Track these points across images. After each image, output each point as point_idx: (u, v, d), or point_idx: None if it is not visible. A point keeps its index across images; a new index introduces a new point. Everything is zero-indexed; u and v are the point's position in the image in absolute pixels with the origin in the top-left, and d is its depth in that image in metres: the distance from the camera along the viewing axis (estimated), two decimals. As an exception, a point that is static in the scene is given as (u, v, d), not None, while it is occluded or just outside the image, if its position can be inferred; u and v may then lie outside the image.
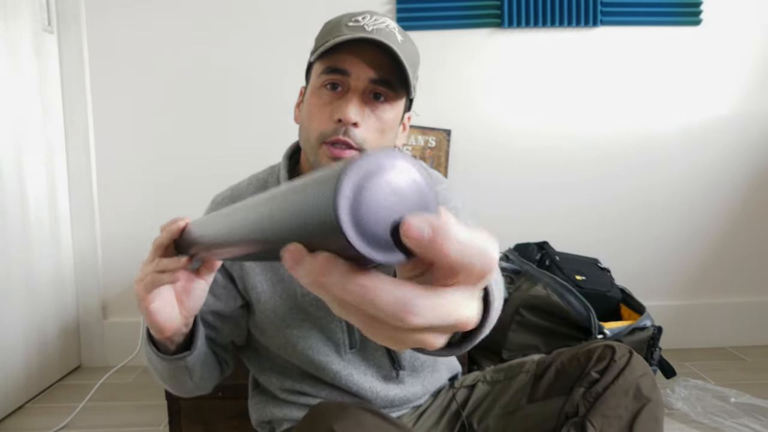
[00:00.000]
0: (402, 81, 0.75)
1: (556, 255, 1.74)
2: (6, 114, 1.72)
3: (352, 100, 0.72)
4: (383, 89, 0.74)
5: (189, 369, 0.72)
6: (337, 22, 0.77)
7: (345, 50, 0.72)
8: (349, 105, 0.72)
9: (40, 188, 1.87)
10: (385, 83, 0.74)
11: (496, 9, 1.99)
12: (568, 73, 2.04)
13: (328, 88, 0.75)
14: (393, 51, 0.71)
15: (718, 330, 2.09)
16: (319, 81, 0.76)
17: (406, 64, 0.73)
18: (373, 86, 0.74)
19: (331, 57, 0.73)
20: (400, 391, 0.90)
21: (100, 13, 2.00)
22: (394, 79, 0.74)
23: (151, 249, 0.62)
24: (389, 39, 0.72)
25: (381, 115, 0.75)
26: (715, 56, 2.03)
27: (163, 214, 2.03)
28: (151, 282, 0.62)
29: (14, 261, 1.72)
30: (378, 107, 0.75)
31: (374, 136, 0.75)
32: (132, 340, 1.91)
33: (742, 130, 2.06)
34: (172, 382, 0.76)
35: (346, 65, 0.73)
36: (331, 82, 0.74)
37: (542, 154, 2.05)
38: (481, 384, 0.93)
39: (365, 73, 0.73)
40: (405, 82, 0.75)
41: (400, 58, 0.72)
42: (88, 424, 1.61)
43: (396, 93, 0.76)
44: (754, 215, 2.09)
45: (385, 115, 0.76)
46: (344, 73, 0.73)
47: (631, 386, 0.78)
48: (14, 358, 1.72)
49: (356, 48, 0.72)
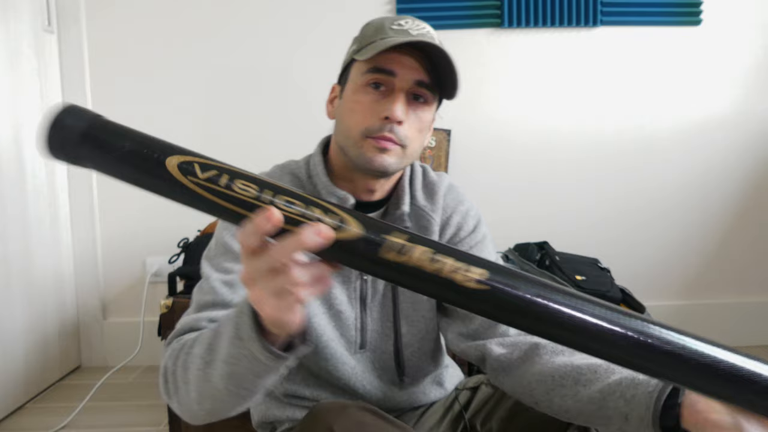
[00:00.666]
0: (439, 84, 0.79)
1: (556, 255, 1.74)
2: (6, 114, 1.72)
3: (400, 100, 0.76)
4: (424, 91, 0.78)
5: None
6: (381, 25, 0.80)
7: (392, 52, 0.76)
8: (396, 104, 0.76)
9: (40, 188, 1.87)
10: (426, 86, 0.78)
11: (496, 9, 1.99)
12: (568, 73, 2.04)
13: (372, 86, 0.78)
14: (446, 56, 0.76)
15: (718, 330, 2.09)
16: (364, 79, 0.78)
17: (456, 68, 0.77)
18: (416, 88, 0.78)
19: (378, 57, 0.76)
20: (404, 396, 0.90)
21: (100, 13, 2.00)
22: (435, 82, 0.79)
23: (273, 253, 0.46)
24: (435, 42, 0.77)
25: (421, 115, 0.79)
26: (715, 56, 2.03)
27: (164, 214, 2.03)
28: (296, 301, 0.48)
29: (14, 261, 1.72)
30: (419, 108, 0.79)
31: (414, 134, 0.79)
32: (132, 340, 1.91)
33: (743, 130, 2.06)
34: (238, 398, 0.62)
35: (394, 66, 0.76)
36: (375, 81, 0.77)
37: (542, 154, 2.05)
38: (485, 387, 0.93)
39: (411, 75, 0.77)
40: (451, 84, 0.79)
41: (453, 63, 0.76)
42: (88, 424, 1.61)
43: (434, 95, 0.80)
44: (755, 215, 2.09)
45: (424, 116, 0.80)
46: (391, 73, 0.77)
47: None
48: (14, 358, 1.72)
49: (402, 50, 0.76)
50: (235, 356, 0.57)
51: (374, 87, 0.78)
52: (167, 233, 1.92)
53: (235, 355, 0.57)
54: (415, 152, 0.81)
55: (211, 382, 0.61)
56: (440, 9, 1.99)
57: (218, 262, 0.79)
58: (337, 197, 0.81)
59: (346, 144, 0.80)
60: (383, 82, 0.77)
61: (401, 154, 0.78)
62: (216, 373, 0.60)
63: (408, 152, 0.79)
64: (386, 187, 0.87)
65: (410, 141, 0.78)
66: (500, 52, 2.03)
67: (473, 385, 0.95)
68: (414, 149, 0.80)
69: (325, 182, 0.83)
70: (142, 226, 2.05)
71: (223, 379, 0.59)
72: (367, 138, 0.77)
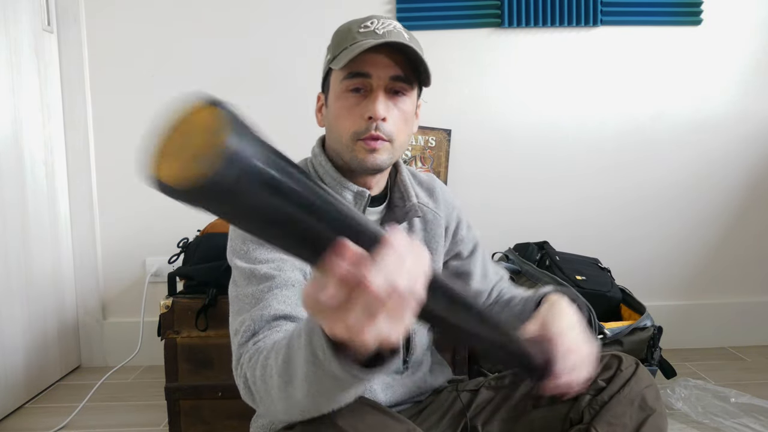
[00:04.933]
0: (416, 73, 0.83)
1: (556, 255, 1.74)
2: (6, 114, 1.71)
3: (379, 98, 0.80)
4: (401, 84, 0.82)
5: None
6: (348, 30, 0.83)
7: (364, 54, 0.79)
8: (376, 103, 0.80)
9: (39, 188, 1.87)
10: (402, 79, 0.82)
11: (496, 9, 1.99)
12: (568, 73, 2.03)
13: (351, 91, 0.82)
14: (411, 49, 0.79)
15: (718, 330, 2.09)
16: (343, 86, 0.82)
17: (423, 57, 0.80)
18: (392, 83, 0.81)
19: (351, 63, 0.80)
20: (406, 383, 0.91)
21: (99, 13, 2.00)
22: (409, 73, 0.82)
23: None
24: (400, 39, 0.80)
25: (402, 107, 0.83)
26: (715, 56, 2.03)
27: (163, 214, 2.03)
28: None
29: (14, 261, 1.72)
30: (398, 100, 0.83)
31: (400, 127, 0.83)
32: (132, 340, 1.91)
33: (743, 130, 2.06)
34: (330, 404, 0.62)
35: (367, 68, 0.80)
36: (354, 86, 0.81)
37: (543, 154, 2.05)
38: (485, 389, 0.94)
39: (385, 72, 0.80)
40: (423, 73, 0.83)
41: (419, 55, 0.80)
42: (88, 424, 1.61)
43: (411, 86, 0.84)
44: (755, 215, 2.09)
45: (405, 107, 0.84)
46: (366, 75, 0.80)
47: (636, 396, 0.79)
48: (14, 358, 1.71)
49: (373, 51, 0.79)
50: (316, 375, 0.54)
51: (354, 91, 0.82)
52: (167, 233, 1.92)
53: (314, 373, 0.53)
54: (403, 144, 0.85)
55: (295, 399, 0.59)
56: (440, 9, 1.99)
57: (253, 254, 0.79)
58: (352, 191, 0.85)
59: (340, 149, 0.84)
60: (361, 85, 0.81)
61: (390, 149, 0.82)
62: (298, 392, 0.58)
63: (396, 145, 0.83)
64: (381, 183, 0.91)
65: (397, 134, 0.83)
66: (500, 52, 2.03)
67: (473, 387, 0.96)
68: (402, 141, 0.84)
69: (337, 178, 0.86)
70: (142, 226, 2.05)
71: (307, 397, 0.57)
72: (357, 141, 0.81)
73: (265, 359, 0.64)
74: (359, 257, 0.38)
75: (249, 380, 0.67)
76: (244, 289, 0.78)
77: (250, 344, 0.72)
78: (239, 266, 0.80)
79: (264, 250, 0.79)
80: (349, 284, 0.38)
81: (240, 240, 0.82)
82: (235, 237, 0.83)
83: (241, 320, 0.75)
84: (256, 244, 0.80)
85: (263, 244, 0.79)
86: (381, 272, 0.38)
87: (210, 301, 1.41)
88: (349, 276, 0.38)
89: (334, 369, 0.49)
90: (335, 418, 0.64)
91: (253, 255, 0.79)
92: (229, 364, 0.79)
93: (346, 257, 0.38)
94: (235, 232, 0.83)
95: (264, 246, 0.79)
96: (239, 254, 0.81)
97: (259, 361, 0.65)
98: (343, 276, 0.38)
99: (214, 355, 1.42)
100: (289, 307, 0.74)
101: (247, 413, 0.97)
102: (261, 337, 0.72)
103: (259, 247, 0.80)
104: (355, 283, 0.38)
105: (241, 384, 0.70)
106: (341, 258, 0.38)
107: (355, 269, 0.38)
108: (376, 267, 0.38)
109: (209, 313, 1.41)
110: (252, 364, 0.67)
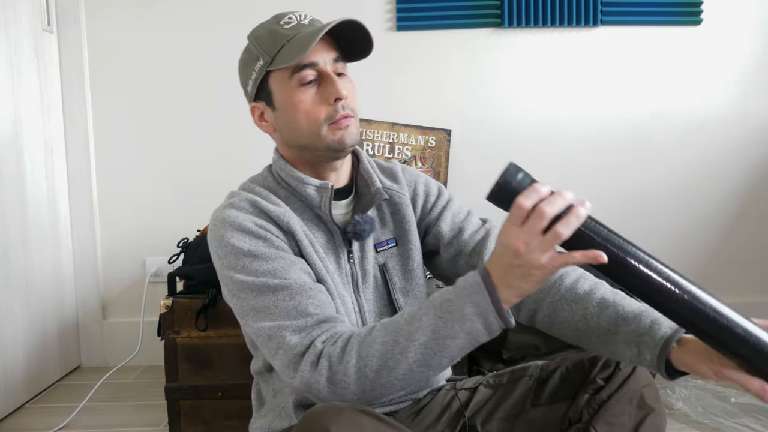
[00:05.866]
0: (349, 50, 0.88)
1: (556, 255, 1.74)
2: (6, 114, 1.72)
3: (336, 81, 0.83)
4: (342, 63, 0.87)
5: None
6: (273, 31, 0.86)
7: (298, 48, 0.82)
8: (336, 84, 0.83)
9: (39, 188, 1.87)
10: (341, 59, 0.87)
11: (496, 9, 1.99)
12: (568, 73, 2.03)
13: (305, 85, 0.84)
14: (354, 23, 0.83)
15: (718, 330, 2.09)
16: (294, 82, 0.84)
17: (364, 26, 0.84)
18: (334, 65, 0.86)
19: (296, 57, 0.82)
20: None
21: (99, 13, 2.00)
22: (346, 50, 0.87)
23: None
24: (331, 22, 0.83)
25: (348, 84, 0.87)
26: (715, 56, 2.03)
27: (163, 214, 2.04)
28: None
29: (14, 261, 1.72)
30: (345, 78, 0.87)
31: (355, 101, 0.88)
32: (132, 340, 1.91)
33: (743, 130, 2.06)
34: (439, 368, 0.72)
35: (312, 58, 0.83)
36: (307, 78, 0.84)
37: (543, 154, 2.05)
38: (483, 387, 0.94)
39: (329, 56, 0.85)
40: (361, 42, 0.87)
41: (361, 25, 0.84)
42: (88, 424, 1.61)
43: (346, 62, 0.89)
44: (755, 215, 2.09)
45: (350, 85, 0.88)
46: (314, 65, 0.83)
47: (635, 395, 0.78)
48: (14, 358, 1.72)
49: (306, 42, 0.82)
50: (466, 331, 0.68)
51: (307, 84, 0.84)
52: (167, 233, 1.92)
53: (466, 330, 0.68)
54: (358, 116, 0.90)
55: (424, 361, 0.70)
56: (440, 9, 1.99)
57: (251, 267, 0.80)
58: (314, 185, 0.86)
59: (310, 141, 0.85)
60: (312, 75, 0.84)
61: (356, 123, 0.86)
62: (431, 351, 0.69)
63: (357, 119, 0.87)
64: (345, 174, 0.92)
65: (355, 108, 0.87)
66: (500, 52, 2.03)
67: (472, 385, 0.95)
68: (358, 113, 0.89)
69: (299, 176, 0.87)
70: (141, 226, 2.05)
71: (440, 355, 0.70)
72: (330, 125, 0.84)
73: (380, 337, 0.71)
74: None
75: (348, 367, 0.71)
76: (257, 301, 0.78)
77: (319, 342, 0.73)
78: (242, 280, 0.79)
79: (262, 262, 0.79)
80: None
81: (233, 256, 0.80)
82: (226, 253, 0.81)
83: (276, 326, 0.75)
84: (252, 257, 0.79)
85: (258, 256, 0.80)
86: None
87: (210, 301, 1.41)
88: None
89: (494, 320, 0.68)
90: (330, 425, 0.63)
91: (252, 267, 0.79)
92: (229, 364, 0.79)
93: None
94: (224, 249, 0.82)
95: (260, 258, 0.80)
96: (237, 268, 0.80)
97: (364, 344, 0.71)
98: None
99: (214, 355, 1.42)
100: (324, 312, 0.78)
101: (246, 413, 0.98)
102: (323, 335, 0.74)
103: (257, 260, 0.79)
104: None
105: (318, 377, 0.72)
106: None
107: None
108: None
109: (209, 313, 1.41)
110: (354, 351, 0.71)
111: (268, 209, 0.84)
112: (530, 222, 0.64)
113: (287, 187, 0.88)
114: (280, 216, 0.83)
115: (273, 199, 0.86)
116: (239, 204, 0.85)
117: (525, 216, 0.65)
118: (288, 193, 0.88)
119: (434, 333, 0.69)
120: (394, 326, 0.72)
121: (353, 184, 0.94)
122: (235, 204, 0.85)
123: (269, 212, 0.83)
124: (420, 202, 0.98)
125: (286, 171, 0.88)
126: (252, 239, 0.81)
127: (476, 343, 0.70)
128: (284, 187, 0.89)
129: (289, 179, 0.88)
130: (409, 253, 0.94)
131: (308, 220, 0.87)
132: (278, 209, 0.84)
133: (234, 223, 0.82)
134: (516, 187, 0.64)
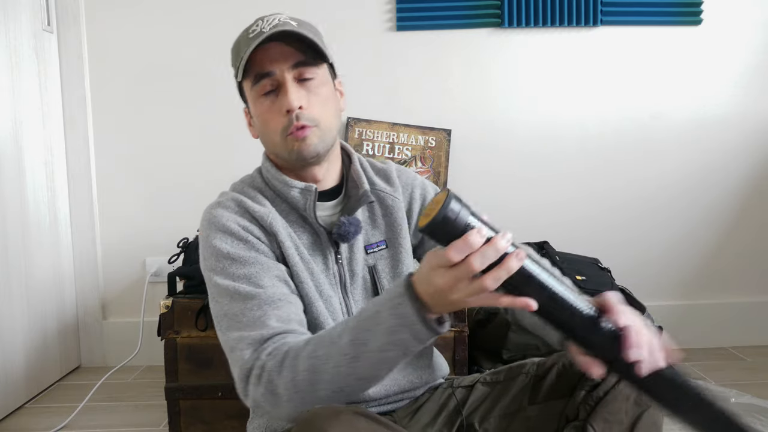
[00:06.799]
0: (314, 54, 0.85)
1: (556, 255, 1.74)
2: (6, 114, 1.72)
3: (288, 91, 0.82)
4: (306, 69, 0.84)
5: None
6: (239, 42, 0.86)
7: (258, 57, 0.81)
8: (287, 96, 0.81)
9: (39, 189, 1.87)
10: (303, 63, 0.83)
11: (496, 9, 1.99)
12: (568, 73, 2.03)
13: (266, 95, 0.84)
14: (295, 33, 0.81)
15: (718, 330, 2.09)
16: (255, 93, 0.85)
17: (309, 35, 0.82)
18: (297, 71, 0.83)
19: (251, 68, 0.83)
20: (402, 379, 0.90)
21: (99, 13, 2.00)
22: (307, 56, 0.84)
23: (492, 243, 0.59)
24: (285, 27, 0.82)
25: (316, 90, 0.85)
26: (715, 56, 2.03)
27: (163, 214, 2.04)
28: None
29: (14, 261, 1.72)
30: (310, 85, 0.84)
31: (321, 109, 0.85)
32: (132, 340, 1.91)
33: (743, 129, 2.06)
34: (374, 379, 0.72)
35: (266, 67, 0.82)
36: (265, 90, 0.84)
37: (543, 154, 2.05)
38: (480, 385, 0.93)
39: (286, 63, 0.82)
40: (317, 52, 0.84)
41: (302, 35, 0.82)
42: (88, 424, 1.61)
43: (316, 67, 0.85)
44: (755, 215, 2.09)
45: (320, 89, 0.85)
46: (269, 74, 0.83)
47: (632, 392, 0.78)
48: (14, 358, 1.72)
49: (265, 50, 0.82)
50: (394, 342, 0.67)
51: (268, 94, 0.84)
52: (167, 233, 1.92)
53: (393, 342, 0.67)
54: (331, 124, 0.87)
55: (356, 374, 0.69)
56: (440, 9, 1.99)
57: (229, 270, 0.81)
58: (298, 188, 0.86)
59: (276, 150, 0.87)
60: (270, 86, 0.83)
61: (319, 132, 0.84)
62: (363, 364, 0.69)
63: (324, 127, 0.85)
64: (334, 175, 0.92)
65: (320, 117, 0.84)
66: (500, 52, 2.03)
67: (468, 383, 0.95)
68: (329, 122, 0.86)
69: (284, 179, 0.87)
70: (141, 226, 2.05)
71: (372, 368, 0.69)
72: (287, 137, 0.83)
73: (311, 350, 0.71)
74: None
75: (284, 380, 0.71)
76: (230, 307, 0.79)
77: (264, 355, 0.73)
78: (219, 283, 0.81)
79: (239, 265, 0.81)
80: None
81: (214, 257, 0.82)
82: (209, 255, 0.83)
83: (238, 337, 0.77)
84: (230, 260, 0.81)
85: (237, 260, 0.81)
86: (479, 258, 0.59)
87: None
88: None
89: (419, 332, 0.65)
90: (327, 428, 0.63)
91: (230, 270, 0.81)
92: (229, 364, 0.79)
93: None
94: (208, 250, 0.83)
95: (238, 262, 0.81)
96: (216, 270, 0.82)
97: (299, 357, 0.71)
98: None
99: (214, 355, 1.42)
100: (285, 325, 0.77)
101: (246, 413, 0.97)
102: (270, 347, 0.74)
103: (235, 263, 0.81)
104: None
105: (261, 391, 0.72)
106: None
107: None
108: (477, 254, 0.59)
109: (209, 313, 1.41)
110: (289, 364, 0.71)
111: (252, 209, 0.85)
112: (458, 269, 0.60)
113: (274, 189, 0.90)
114: (264, 216, 0.84)
115: (259, 199, 0.88)
116: (226, 203, 0.87)
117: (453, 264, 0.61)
118: (274, 194, 0.89)
119: (364, 345, 0.68)
120: (328, 339, 0.72)
121: (344, 185, 0.94)
122: (222, 203, 0.87)
123: (253, 212, 0.85)
124: (417, 207, 0.98)
125: (271, 173, 0.89)
126: (233, 241, 0.82)
127: (410, 352, 0.69)
128: (271, 188, 0.90)
129: (274, 181, 0.89)
130: (399, 256, 0.94)
131: (294, 222, 0.88)
132: (262, 209, 0.85)
133: (218, 224, 0.83)
134: (451, 230, 0.59)
